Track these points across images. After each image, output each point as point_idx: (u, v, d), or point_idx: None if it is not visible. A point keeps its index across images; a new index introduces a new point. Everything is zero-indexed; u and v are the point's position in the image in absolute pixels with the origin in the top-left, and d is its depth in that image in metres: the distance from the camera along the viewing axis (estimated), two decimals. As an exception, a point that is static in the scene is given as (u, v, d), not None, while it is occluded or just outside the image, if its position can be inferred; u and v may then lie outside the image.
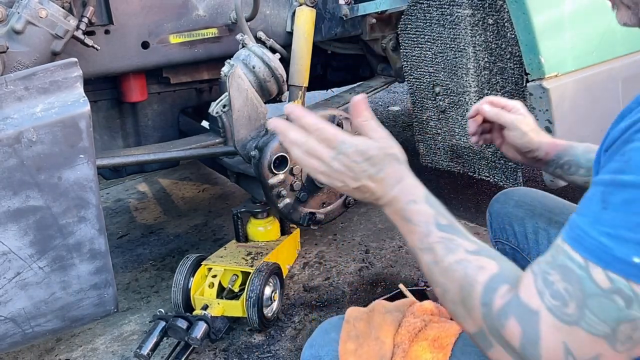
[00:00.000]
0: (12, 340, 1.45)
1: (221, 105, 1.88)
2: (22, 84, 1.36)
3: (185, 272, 1.97)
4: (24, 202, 1.36)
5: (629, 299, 0.65)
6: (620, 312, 0.65)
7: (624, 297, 0.65)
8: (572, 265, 0.69)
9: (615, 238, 0.66)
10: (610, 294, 0.66)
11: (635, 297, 0.65)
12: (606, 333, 0.67)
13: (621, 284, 0.65)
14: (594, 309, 0.67)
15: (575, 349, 0.68)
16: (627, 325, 0.66)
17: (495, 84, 1.78)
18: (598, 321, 0.67)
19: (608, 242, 0.66)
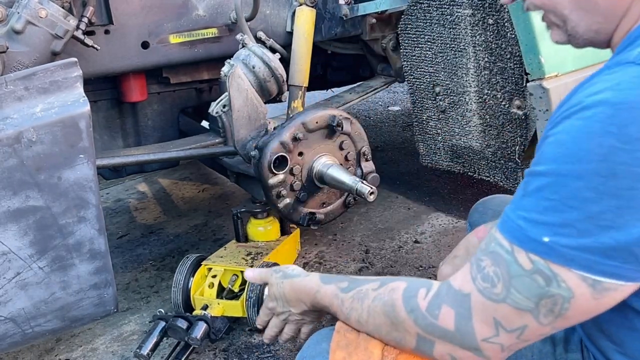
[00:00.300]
0: (12, 340, 1.45)
1: (221, 105, 1.88)
2: (22, 84, 1.36)
3: (185, 272, 1.97)
4: (23, 202, 1.36)
5: (548, 278, 0.74)
6: (541, 289, 0.75)
7: (543, 276, 0.75)
8: (500, 250, 0.79)
9: (529, 221, 0.76)
10: (532, 274, 0.76)
11: (553, 276, 0.74)
12: (530, 308, 0.77)
13: (541, 265, 0.75)
14: (518, 287, 0.77)
15: (503, 321, 0.79)
16: (547, 301, 0.75)
17: (495, 83, 1.78)
18: (522, 298, 0.77)
19: (524, 224, 0.76)
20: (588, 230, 0.71)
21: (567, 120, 0.74)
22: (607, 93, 0.71)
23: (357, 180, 1.73)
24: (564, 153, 0.73)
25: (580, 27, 0.87)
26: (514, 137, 1.79)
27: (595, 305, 0.75)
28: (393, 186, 3.15)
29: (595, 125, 0.70)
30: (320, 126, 1.81)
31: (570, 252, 0.73)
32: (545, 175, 0.75)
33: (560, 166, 0.73)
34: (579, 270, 0.73)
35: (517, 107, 1.74)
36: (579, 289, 0.74)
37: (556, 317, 0.77)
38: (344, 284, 0.99)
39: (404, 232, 2.63)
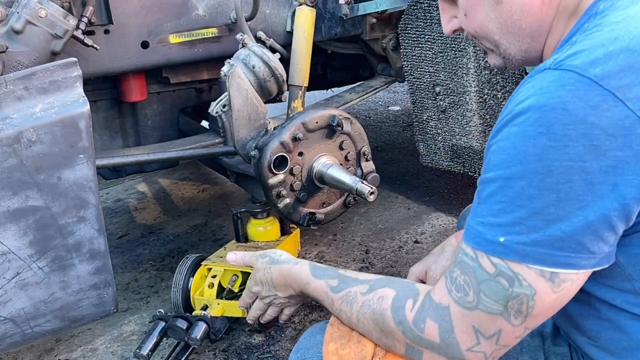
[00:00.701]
0: (11, 340, 1.45)
1: (221, 105, 1.87)
2: (22, 83, 1.36)
3: (185, 272, 1.97)
4: (23, 202, 1.36)
5: (511, 279, 0.79)
6: (506, 291, 0.79)
7: (506, 277, 0.79)
8: (466, 259, 0.84)
9: (486, 225, 0.81)
10: (495, 277, 0.80)
11: (514, 275, 0.79)
12: (500, 311, 0.81)
13: (502, 267, 0.79)
14: (487, 292, 0.81)
15: (481, 328, 0.83)
16: (514, 302, 0.79)
17: (495, 83, 1.77)
18: (492, 302, 0.81)
19: (481, 228, 0.81)
20: (536, 225, 0.76)
21: (505, 128, 0.80)
22: (532, 99, 0.77)
23: (357, 180, 1.73)
24: (506, 158, 0.78)
25: (512, 50, 0.94)
26: (514, 137, 1.79)
27: (556, 298, 0.79)
28: (393, 186, 3.15)
29: (527, 129, 0.76)
30: (320, 126, 1.81)
31: (524, 248, 0.77)
32: (494, 181, 0.80)
33: (505, 170, 0.79)
34: (535, 264, 0.77)
35: (517, 107, 1.74)
36: (539, 285, 0.78)
37: (525, 317, 0.80)
38: (334, 282, 1.03)
39: (404, 232, 2.63)
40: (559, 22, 0.89)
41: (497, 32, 0.93)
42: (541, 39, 0.92)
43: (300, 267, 1.12)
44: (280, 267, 1.17)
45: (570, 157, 0.73)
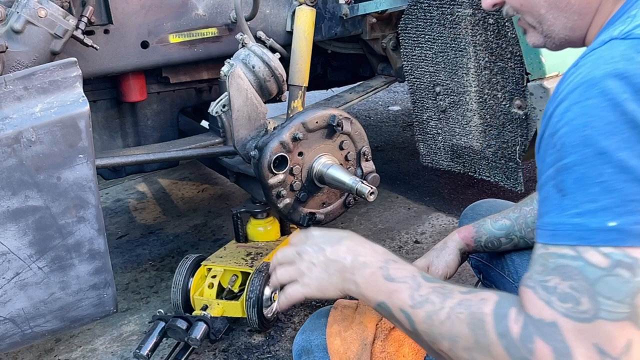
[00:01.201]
0: (11, 340, 1.45)
1: (221, 105, 1.87)
2: (22, 83, 1.36)
3: (185, 273, 1.97)
4: (23, 202, 1.35)
5: (631, 267, 0.65)
6: (629, 284, 0.65)
7: (626, 267, 0.65)
8: (565, 261, 0.68)
9: (584, 214, 0.67)
10: (612, 270, 0.65)
11: (635, 262, 0.65)
12: (627, 313, 0.65)
13: (617, 255, 0.65)
14: (605, 292, 0.65)
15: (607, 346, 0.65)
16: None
17: (495, 83, 1.77)
18: (614, 304, 0.65)
19: (580, 220, 0.67)
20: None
21: (575, 105, 0.70)
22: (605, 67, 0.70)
23: (357, 180, 1.73)
24: (591, 133, 0.68)
25: (557, 26, 0.90)
26: (514, 137, 1.79)
27: None
28: (393, 186, 3.15)
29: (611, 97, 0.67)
30: (320, 126, 1.81)
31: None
32: (581, 163, 0.69)
33: (593, 146, 0.68)
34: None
35: (517, 106, 1.74)
36: None
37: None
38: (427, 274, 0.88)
39: (404, 232, 2.63)
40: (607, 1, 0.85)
41: (544, 6, 0.89)
42: (588, 17, 0.87)
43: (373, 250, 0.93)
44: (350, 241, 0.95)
45: None
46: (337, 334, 0.99)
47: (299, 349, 1.04)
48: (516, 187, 1.87)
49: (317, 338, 1.02)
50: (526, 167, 1.91)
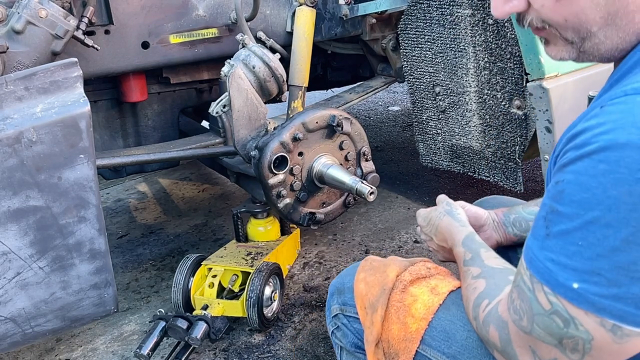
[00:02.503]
0: (12, 340, 1.45)
1: (221, 105, 1.88)
2: (22, 84, 1.36)
3: (185, 272, 1.97)
4: (24, 202, 1.36)
5: (566, 321, 0.74)
6: (560, 330, 0.75)
7: (561, 318, 0.74)
8: (524, 286, 0.80)
9: (558, 264, 0.73)
10: (550, 315, 0.76)
11: (571, 319, 0.73)
12: (555, 344, 0.77)
13: (559, 307, 0.74)
14: (540, 324, 0.78)
15: (537, 350, 0.80)
16: (568, 341, 0.75)
17: (495, 84, 1.78)
18: (545, 334, 0.77)
19: (552, 267, 0.74)
20: (618, 280, 0.68)
21: (587, 158, 0.69)
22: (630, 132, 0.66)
23: (357, 180, 1.73)
24: (590, 199, 0.69)
25: (605, 45, 0.78)
26: (513, 137, 1.79)
27: (618, 348, 0.72)
28: (393, 186, 3.15)
29: (623, 170, 0.66)
30: (320, 126, 1.81)
31: (602, 301, 0.70)
32: (571, 219, 0.71)
33: (588, 212, 0.69)
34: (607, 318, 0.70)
35: (517, 107, 1.75)
36: (597, 333, 0.72)
37: (583, 355, 0.74)
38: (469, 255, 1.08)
39: (404, 232, 2.63)
40: None
41: (597, 23, 0.76)
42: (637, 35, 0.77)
43: (461, 231, 1.15)
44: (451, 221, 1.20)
45: None
46: (363, 280, 1.16)
47: (334, 289, 1.24)
48: (515, 187, 1.88)
49: (349, 281, 1.20)
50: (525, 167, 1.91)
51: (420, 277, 1.14)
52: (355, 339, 1.19)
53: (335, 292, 1.24)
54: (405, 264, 1.19)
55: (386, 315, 1.10)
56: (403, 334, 1.08)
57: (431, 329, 1.05)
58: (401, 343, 1.08)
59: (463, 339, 1.01)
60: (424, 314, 1.07)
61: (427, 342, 1.05)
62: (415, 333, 1.06)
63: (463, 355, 1.01)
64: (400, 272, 1.15)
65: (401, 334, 1.08)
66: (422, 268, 1.17)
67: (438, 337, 1.04)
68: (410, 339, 1.07)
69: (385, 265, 1.18)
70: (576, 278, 0.71)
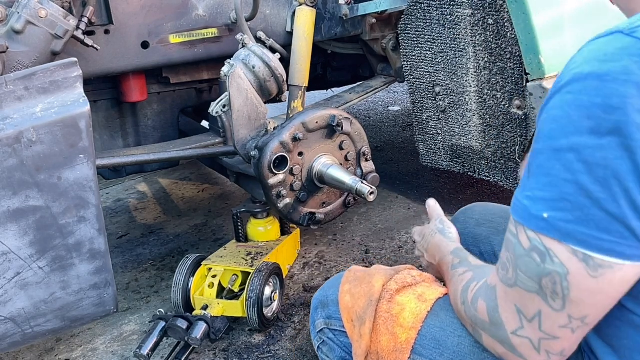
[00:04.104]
0: (12, 340, 1.45)
1: (221, 105, 1.88)
2: (22, 84, 1.36)
3: (185, 272, 1.97)
4: (23, 202, 1.36)
5: (543, 254, 0.75)
6: (538, 267, 0.76)
7: (538, 253, 0.76)
8: (509, 235, 0.81)
9: (532, 199, 0.76)
10: (530, 252, 0.77)
11: (546, 251, 0.75)
12: (535, 289, 0.77)
13: (536, 242, 0.76)
14: (522, 268, 0.79)
15: (522, 308, 0.80)
16: (547, 280, 0.76)
17: (495, 83, 1.78)
18: (527, 279, 0.78)
19: (527, 203, 0.77)
20: (582, 203, 0.70)
21: (558, 94, 0.74)
22: (593, 64, 0.70)
23: (357, 180, 1.73)
24: (556, 128, 0.73)
25: None
26: (514, 137, 1.79)
27: (595, 284, 0.72)
28: (393, 186, 3.15)
29: (583, 98, 0.70)
30: (320, 126, 1.81)
31: (567, 226, 0.72)
32: (542, 152, 0.75)
33: (554, 142, 0.73)
34: (573, 245, 0.72)
35: (517, 107, 1.75)
36: (571, 264, 0.73)
37: (563, 301, 0.75)
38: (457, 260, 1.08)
39: (404, 232, 2.63)
40: None
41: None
42: None
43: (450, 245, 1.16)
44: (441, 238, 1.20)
45: None
46: (348, 291, 1.14)
47: (317, 303, 1.22)
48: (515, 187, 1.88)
49: (332, 294, 1.18)
50: (526, 167, 1.91)
51: (407, 285, 1.12)
52: (343, 353, 1.16)
53: (319, 306, 1.21)
54: (391, 272, 1.17)
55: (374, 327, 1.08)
56: (393, 344, 1.05)
57: (421, 338, 1.04)
58: (391, 354, 1.06)
59: (455, 345, 1.00)
60: (412, 322, 1.05)
61: (418, 352, 1.03)
62: (406, 343, 1.04)
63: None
64: (386, 281, 1.13)
65: (391, 345, 1.06)
66: (407, 276, 1.15)
67: (429, 345, 1.03)
68: (401, 349, 1.04)
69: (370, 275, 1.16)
70: (546, 208, 0.74)
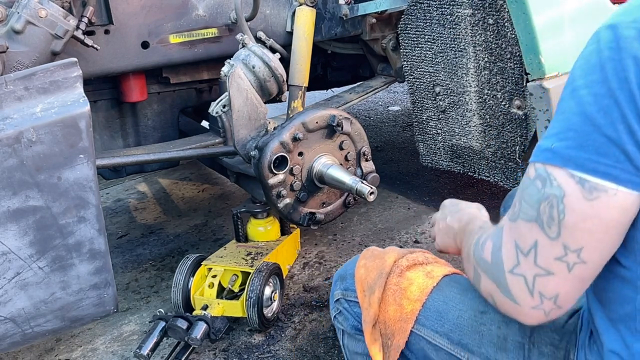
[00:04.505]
0: (12, 340, 1.45)
1: (221, 105, 1.87)
2: (22, 84, 1.36)
3: (185, 272, 1.97)
4: (23, 202, 1.36)
5: (544, 179, 0.80)
6: (539, 192, 0.80)
7: (541, 179, 0.80)
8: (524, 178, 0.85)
9: (545, 137, 0.82)
10: (534, 181, 0.81)
11: (547, 176, 0.79)
12: (534, 216, 0.81)
13: (541, 170, 0.81)
14: (525, 197, 0.83)
15: (520, 242, 0.84)
16: (545, 204, 0.80)
17: (495, 83, 1.78)
18: (528, 207, 0.82)
19: (541, 142, 0.82)
20: (585, 131, 0.76)
21: (585, 48, 0.81)
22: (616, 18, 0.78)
23: (357, 180, 1.73)
24: (576, 72, 0.80)
25: None
26: (514, 137, 1.79)
27: (589, 208, 0.76)
28: (393, 186, 3.15)
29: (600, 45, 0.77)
30: (320, 126, 1.81)
31: (569, 152, 0.77)
32: (564, 98, 0.81)
33: (573, 84, 0.80)
34: (571, 168, 0.77)
35: (517, 107, 1.74)
36: (568, 187, 0.77)
37: (559, 227, 0.79)
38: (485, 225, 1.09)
39: (404, 232, 2.63)
40: None
41: None
42: None
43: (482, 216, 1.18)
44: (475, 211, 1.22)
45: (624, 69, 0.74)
46: (363, 265, 1.24)
47: (337, 277, 1.32)
48: (515, 187, 1.88)
49: (350, 269, 1.28)
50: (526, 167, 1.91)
51: (418, 263, 1.20)
52: (355, 321, 1.24)
53: (339, 279, 1.31)
54: (404, 252, 1.25)
55: (383, 298, 1.16)
56: (399, 314, 1.13)
57: (425, 310, 1.11)
58: (397, 323, 1.13)
59: (455, 317, 1.07)
60: (418, 295, 1.13)
61: (421, 322, 1.11)
62: (410, 314, 1.12)
63: (455, 332, 1.06)
64: (398, 258, 1.21)
65: (397, 315, 1.14)
66: (420, 256, 1.22)
67: (431, 317, 1.10)
68: (405, 319, 1.12)
69: (385, 252, 1.24)
70: (554, 140, 0.80)
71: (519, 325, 1.00)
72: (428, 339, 1.10)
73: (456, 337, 1.06)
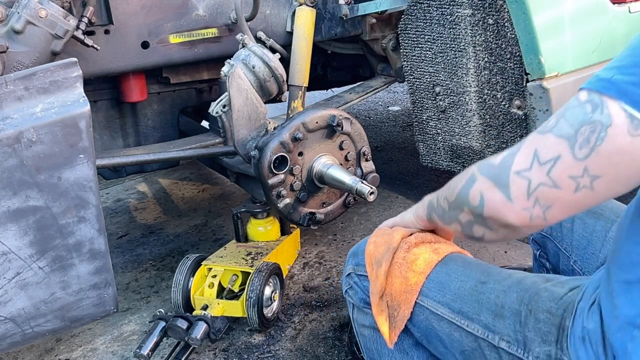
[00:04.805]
0: (12, 340, 1.45)
1: (221, 105, 1.88)
2: (22, 84, 1.36)
3: (185, 272, 1.97)
4: (23, 202, 1.36)
5: (595, 105, 0.80)
6: (585, 115, 0.81)
7: (592, 104, 0.80)
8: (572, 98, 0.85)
9: (606, 69, 0.82)
10: (584, 104, 0.82)
11: (600, 103, 0.80)
12: (569, 134, 0.82)
13: (595, 96, 0.81)
14: (567, 116, 0.83)
15: (541, 152, 0.85)
16: (587, 127, 0.80)
17: (495, 83, 1.78)
18: (567, 125, 0.83)
19: (600, 72, 0.83)
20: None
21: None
22: None
23: (357, 180, 1.73)
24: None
25: None
26: (514, 137, 1.79)
27: (629, 143, 0.77)
28: (393, 186, 3.15)
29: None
30: (320, 126, 1.81)
31: (627, 87, 0.78)
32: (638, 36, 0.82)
33: None
34: (625, 102, 0.77)
35: (517, 107, 1.74)
36: (617, 118, 0.77)
37: (590, 151, 0.79)
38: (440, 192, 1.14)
39: (404, 232, 2.63)
40: None
41: None
42: None
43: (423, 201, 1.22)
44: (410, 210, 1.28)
45: None
46: (373, 242, 1.29)
47: (351, 254, 1.37)
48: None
49: (362, 245, 1.33)
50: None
51: (426, 241, 1.24)
52: (364, 295, 1.29)
53: (351, 256, 1.36)
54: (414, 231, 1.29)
55: (390, 271, 1.21)
56: (404, 287, 1.19)
57: (429, 282, 1.17)
58: (402, 295, 1.19)
59: (456, 288, 1.13)
60: (423, 268, 1.18)
61: (425, 293, 1.17)
62: (415, 285, 1.17)
63: (455, 302, 1.12)
64: (406, 235, 1.26)
65: (402, 287, 1.19)
66: (429, 236, 1.26)
67: (434, 288, 1.16)
68: (410, 291, 1.18)
69: (394, 230, 1.29)
70: (616, 72, 0.80)
71: (517, 295, 1.06)
72: (431, 309, 1.16)
73: (457, 306, 1.11)
